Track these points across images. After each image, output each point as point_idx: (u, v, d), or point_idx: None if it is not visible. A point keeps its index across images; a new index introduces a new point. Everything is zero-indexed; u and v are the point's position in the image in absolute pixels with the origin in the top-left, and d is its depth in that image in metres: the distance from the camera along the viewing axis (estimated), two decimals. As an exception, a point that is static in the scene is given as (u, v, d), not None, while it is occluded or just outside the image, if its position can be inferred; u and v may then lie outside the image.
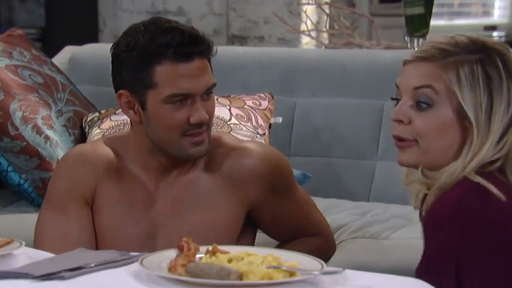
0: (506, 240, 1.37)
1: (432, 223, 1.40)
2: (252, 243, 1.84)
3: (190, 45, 1.68)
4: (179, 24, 1.72)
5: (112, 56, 1.74)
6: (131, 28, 1.73)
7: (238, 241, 1.77)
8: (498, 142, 1.45)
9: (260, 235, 1.92)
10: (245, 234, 1.80)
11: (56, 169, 1.86)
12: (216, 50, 1.75)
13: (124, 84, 1.73)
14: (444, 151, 1.46)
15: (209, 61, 1.74)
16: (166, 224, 1.76)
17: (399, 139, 1.49)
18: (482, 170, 1.44)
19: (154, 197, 1.77)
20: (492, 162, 1.45)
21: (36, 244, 1.75)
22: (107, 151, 1.79)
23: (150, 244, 1.74)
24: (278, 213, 1.81)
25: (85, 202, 1.77)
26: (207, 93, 1.71)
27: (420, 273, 1.40)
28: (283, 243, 1.86)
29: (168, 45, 1.67)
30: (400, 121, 1.48)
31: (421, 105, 1.47)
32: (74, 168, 1.79)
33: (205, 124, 1.71)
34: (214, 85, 1.72)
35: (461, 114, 1.46)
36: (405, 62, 1.52)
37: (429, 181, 1.47)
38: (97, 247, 1.75)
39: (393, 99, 1.52)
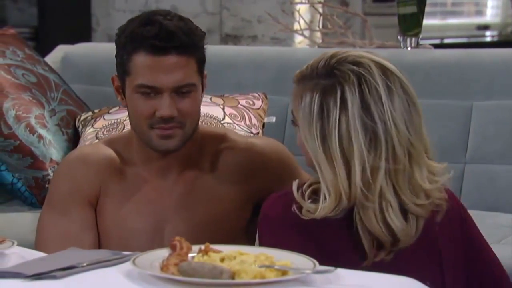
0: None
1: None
2: (256, 231, 1.87)
3: (164, 40, 1.69)
4: (169, 17, 1.72)
5: None
6: (134, 17, 1.78)
7: (245, 230, 1.81)
8: (350, 171, 1.50)
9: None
10: (252, 223, 1.84)
11: (57, 171, 1.87)
12: (202, 49, 1.74)
13: (116, 68, 1.78)
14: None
15: (199, 60, 1.74)
16: (174, 218, 1.78)
17: None
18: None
19: (159, 192, 1.79)
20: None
21: (38, 246, 1.75)
22: (108, 152, 1.81)
23: (158, 238, 1.76)
24: None
25: (88, 203, 1.78)
26: (181, 91, 1.72)
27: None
28: None
29: (144, 37, 1.70)
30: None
31: (293, 125, 1.59)
32: (75, 169, 1.80)
33: (174, 121, 1.72)
34: (190, 84, 1.72)
35: None
36: None
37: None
38: (102, 247, 1.76)
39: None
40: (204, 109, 1.99)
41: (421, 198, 1.52)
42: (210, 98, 2.36)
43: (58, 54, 2.75)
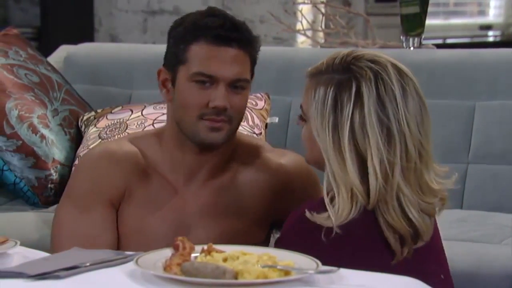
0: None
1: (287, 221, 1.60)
2: (268, 240, 1.87)
3: (229, 30, 1.70)
4: (229, 15, 1.75)
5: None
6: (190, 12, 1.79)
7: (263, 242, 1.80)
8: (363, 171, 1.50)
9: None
10: (266, 240, 1.83)
11: (79, 167, 1.83)
12: (256, 52, 1.76)
13: (165, 60, 1.77)
14: (317, 157, 1.55)
15: (252, 60, 1.75)
16: (196, 226, 1.76)
17: None
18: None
19: (183, 199, 1.77)
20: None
21: (55, 242, 1.72)
22: (134, 150, 1.78)
23: None
24: None
25: (110, 203, 1.75)
26: (236, 85, 1.71)
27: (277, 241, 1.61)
28: None
29: (208, 27, 1.71)
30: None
31: (300, 120, 1.60)
32: (99, 167, 1.76)
33: (225, 114, 1.70)
34: (245, 80, 1.72)
35: None
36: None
37: None
38: (121, 250, 1.71)
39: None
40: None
41: (429, 197, 1.55)
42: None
43: (60, 54, 2.75)
